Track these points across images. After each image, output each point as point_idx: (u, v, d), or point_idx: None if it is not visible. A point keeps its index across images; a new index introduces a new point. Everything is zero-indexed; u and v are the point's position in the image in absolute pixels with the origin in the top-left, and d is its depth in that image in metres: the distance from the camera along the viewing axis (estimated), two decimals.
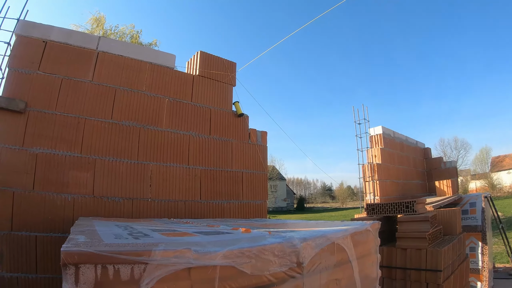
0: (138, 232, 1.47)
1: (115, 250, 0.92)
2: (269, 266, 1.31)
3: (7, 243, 2.52)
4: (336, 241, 1.69)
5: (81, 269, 0.85)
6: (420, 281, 3.39)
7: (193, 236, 1.47)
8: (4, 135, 2.68)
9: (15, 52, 2.84)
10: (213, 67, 3.69)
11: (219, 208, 3.43)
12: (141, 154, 3.08)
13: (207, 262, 1.05)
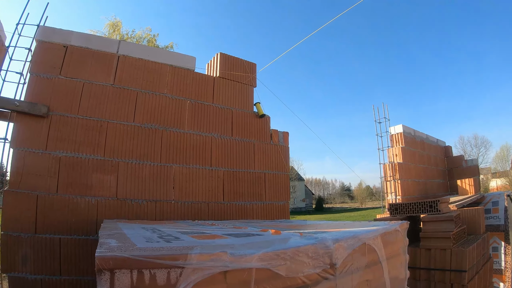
0: (167, 235, 1.45)
1: (151, 255, 0.90)
2: (303, 268, 1.29)
3: (31, 246, 2.52)
4: (367, 242, 1.64)
5: (116, 275, 0.84)
6: (444, 281, 3.27)
7: (224, 238, 1.44)
8: (27, 139, 2.66)
9: (36, 57, 2.83)
10: (233, 69, 3.65)
11: (241, 209, 3.37)
12: (163, 156, 3.04)
13: (243, 264, 1.03)
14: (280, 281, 1.18)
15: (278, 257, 1.18)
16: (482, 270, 3.49)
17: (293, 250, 1.24)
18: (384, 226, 1.87)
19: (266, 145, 3.69)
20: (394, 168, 5.94)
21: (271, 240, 1.41)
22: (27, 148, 2.63)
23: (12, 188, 2.55)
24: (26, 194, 2.58)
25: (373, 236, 1.69)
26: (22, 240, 2.53)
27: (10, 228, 2.51)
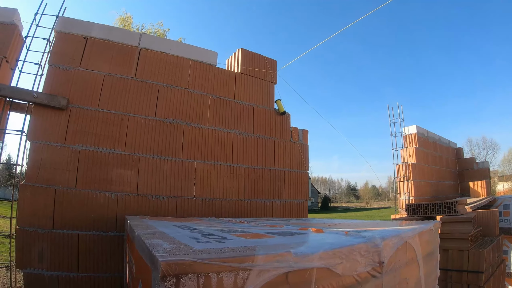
0: (210, 234, 1.41)
1: (218, 257, 0.86)
2: (356, 266, 1.32)
3: (48, 242, 2.47)
4: (408, 241, 1.72)
5: (182, 280, 0.78)
6: (461, 282, 3.27)
7: (273, 237, 1.40)
8: (46, 132, 2.59)
9: (55, 48, 2.76)
10: (254, 65, 3.60)
11: (262, 207, 3.33)
12: (185, 152, 2.99)
13: (305, 264, 1.02)
14: (337, 280, 1.20)
15: (335, 256, 1.20)
16: (497, 272, 3.57)
17: (348, 248, 1.27)
18: (421, 225, 1.93)
19: (286, 143, 3.66)
20: (408, 168, 5.91)
21: (320, 239, 1.44)
22: (45, 141, 2.56)
23: (29, 182, 2.48)
24: (43, 188, 2.51)
25: (412, 235, 1.73)
26: (38, 236, 2.46)
27: (26, 223, 2.45)
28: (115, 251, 2.62)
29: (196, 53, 3.25)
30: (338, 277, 1.18)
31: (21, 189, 2.49)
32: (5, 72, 2.69)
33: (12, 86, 2.63)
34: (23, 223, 2.45)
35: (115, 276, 2.60)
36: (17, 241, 2.47)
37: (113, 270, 2.60)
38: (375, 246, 1.36)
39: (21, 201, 2.49)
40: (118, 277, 2.62)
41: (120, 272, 2.61)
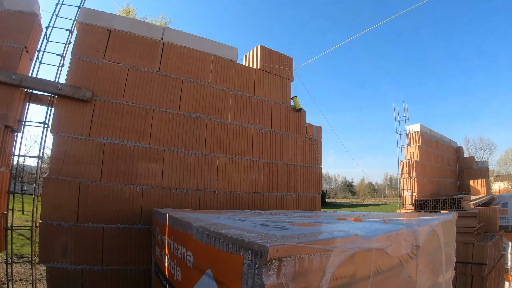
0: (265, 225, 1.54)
1: (309, 241, 0.99)
2: (401, 249, 1.56)
3: (72, 236, 2.50)
4: (435, 228, 2.00)
5: (283, 262, 0.92)
6: (465, 274, 3.49)
7: (323, 225, 1.57)
8: (70, 125, 2.60)
9: (79, 40, 2.76)
10: (272, 62, 3.71)
11: (279, 200, 3.47)
12: (208, 146, 3.08)
13: (368, 245, 1.20)
14: (388, 260, 1.42)
15: (388, 239, 1.42)
16: (498, 265, 3.93)
17: (396, 233, 1.49)
18: (443, 216, 2.21)
19: (302, 139, 3.81)
20: (412, 165, 6.24)
21: (368, 226, 1.67)
22: (69, 134, 2.57)
23: (53, 175, 2.49)
24: (68, 181, 2.52)
25: (438, 223, 1.99)
26: (62, 230, 2.48)
27: (50, 217, 2.46)
28: (140, 244, 2.65)
29: (218, 48, 3.30)
30: (388, 257, 1.40)
31: (45, 183, 2.49)
32: (25, 63, 2.68)
33: (34, 77, 2.61)
34: (46, 217, 2.45)
35: (140, 268, 2.64)
36: (41, 235, 2.48)
37: (139, 262, 2.64)
38: (413, 232, 1.60)
39: (44, 195, 2.49)
40: (143, 269, 2.66)
41: (146, 264, 2.66)
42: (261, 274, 0.90)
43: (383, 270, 1.33)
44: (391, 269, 1.43)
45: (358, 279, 1.20)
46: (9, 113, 2.50)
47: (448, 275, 2.30)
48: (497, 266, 3.85)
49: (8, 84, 2.53)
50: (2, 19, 2.66)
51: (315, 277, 1.00)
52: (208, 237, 1.29)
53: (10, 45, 2.61)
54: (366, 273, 1.24)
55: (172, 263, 1.82)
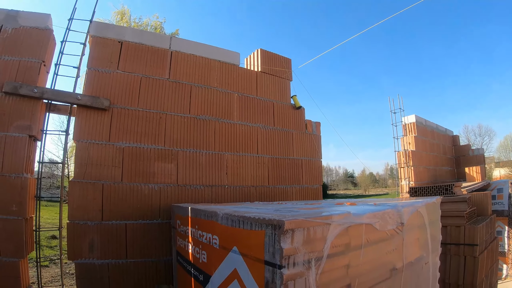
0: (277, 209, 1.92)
1: (314, 216, 1.37)
2: (387, 225, 1.98)
3: (98, 233, 2.86)
4: (418, 209, 2.44)
5: (295, 232, 1.28)
6: (459, 254, 3.85)
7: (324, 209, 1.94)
8: (91, 132, 2.96)
9: (93, 52, 3.11)
10: (272, 64, 4.10)
11: (283, 192, 3.89)
12: (217, 145, 3.47)
13: (359, 221, 1.56)
14: (376, 233, 1.83)
15: (375, 217, 1.84)
16: (490, 246, 4.40)
17: (382, 212, 1.93)
18: (427, 199, 2.66)
19: (302, 134, 4.23)
20: (408, 155, 6.68)
21: (360, 207, 2.09)
22: (90, 140, 2.94)
23: (77, 179, 2.86)
24: (91, 184, 2.88)
25: (421, 205, 2.40)
26: (89, 228, 2.84)
27: (77, 217, 2.82)
28: (160, 237, 3.03)
29: (222, 54, 3.69)
30: (377, 231, 1.83)
31: (71, 186, 2.85)
32: (43, 76, 3.02)
33: (55, 90, 2.97)
34: (73, 218, 2.81)
35: (161, 259, 3.03)
36: (68, 234, 2.83)
37: (159, 254, 3.03)
38: (398, 211, 2.04)
39: (70, 197, 2.84)
40: (164, 260, 3.05)
41: (166, 255, 3.05)
42: (279, 241, 1.27)
43: (373, 241, 1.77)
44: (380, 241, 1.85)
45: (353, 248, 1.61)
46: (32, 124, 2.85)
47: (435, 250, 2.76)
48: (489, 247, 4.32)
49: (30, 97, 2.88)
50: (19, 36, 3.00)
51: (319, 244, 1.39)
52: (233, 221, 1.66)
53: (29, 60, 2.95)
54: (359, 243, 1.66)
55: (196, 249, 2.20)
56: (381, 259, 1.83)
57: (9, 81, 2.84)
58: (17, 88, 2.84)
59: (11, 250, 2.66)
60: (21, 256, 2.63)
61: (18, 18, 3.05)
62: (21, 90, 2.85)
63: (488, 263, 4.17)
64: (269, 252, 1.35)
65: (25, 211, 2.70)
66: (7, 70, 2.86)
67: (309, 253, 1.36)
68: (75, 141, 2.99)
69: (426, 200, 2.49)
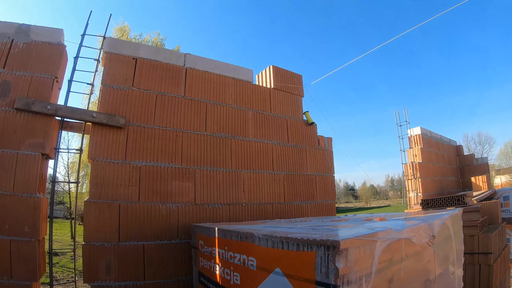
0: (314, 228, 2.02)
1: (362, 235, 1.48)
2: (421, 238, 2.14)
3: (115, 254, 2.90)
4: (445, 221, 2.61)
5: (349, 251, 1.36)
6: (473, 263, 3.99)
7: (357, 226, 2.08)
8: (107, 150, 3.03)
9: (107, 69, 3.19)
10: (284, 80, 4.27)
11: (299, 208, 4.01)
12: (233, 163, 3.58)
13: (399, 236, 1.67)
14: (412, 247, 1.96)
15: (412, 231, 1.94)
16: (502, 254, 4.61)
17: (417, 226, 2.06)
18: (451, 211, 2.83)
19: (315, 150, 4.39)
20: (415, 167, 6.93)
21: (394, 223, 2.20)
22: (106, 159, 3.00)
23: (93, 199, 2.90)
24: (108, 204, 2.94)
25: (447, 217, 2.60)
26: (105, 250, 2.88)
27: (93, 238, 2.85)
28: (179, 257, 3.11)
29: (235, 71, 3.85)
30: (413, 245, 1.94)
31: (86, 206, 2.90)
32: (55, 92, 3.09)
33: (69, 107, 3.05)
34: (89, 239, 2.85)
35: (180, 280, 3.10)
36: (84, 256, 2.86)
37: (178, 274, 3.10)
38: (430, 225, 2.18)
39: (86, 218, 2.89)
40: (183, 280, 3.12)
41: (185, 275, 3.13)
42: (334, 261, 1.37)
43: (411, 255, 1.91)
44: (416, 254, 1.99)
45: (394, 262, 1.73)
46: (45, 141, 2.90)
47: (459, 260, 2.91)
48: (502, 255, 4.51)
49: (43, 113, 2.93)
50: (31, 51, 3.06)
51: (368, 261, 1.50)
52: (273, 242, 1.75)
53: (41, 75, 3.01)
54: (399, 257, 1.80)
55: (227, 270, 2.28)
56: (417, 271, 1.98)
57: (21, 96, 2.89)
58: (29, 104, 2.90)
59: (24, 272, 2.68)
60: (34, 279, 2.66)
61: (29, 33, 3.11)
62: (34, 107, 2.91)
63: (502, 270, 4.36)
64: (321, 273, 1.43)
65: (38, 232, 2.74)
66: (18, 86, 2.92)
67: (360, 271, 1.45)
68: (90, 160, 3.03)
69: (450, 212, 2.66)
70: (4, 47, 2.95)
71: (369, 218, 2.56)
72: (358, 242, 1.45)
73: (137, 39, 13.21)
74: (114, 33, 13.11)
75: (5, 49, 2.95)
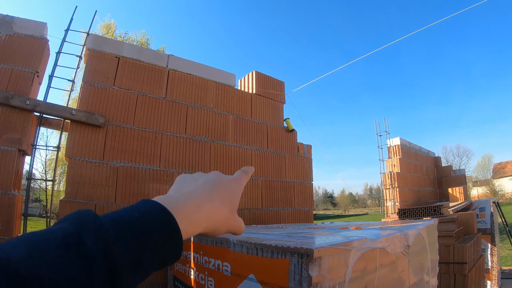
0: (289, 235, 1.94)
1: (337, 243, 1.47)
2: (396, 248, 2.12)
3: None
4: (421, 232, 2.61)
5: (322, 260, 1.36)
6: (448, 273, 4.17)
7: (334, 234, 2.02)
8: (85, 149, 2.95)
9: (89, 66, 3.11)
10: (266, 86, 4.26)
11: (276, 215, 3.99)
12: (212, 167, 3.53)
13: (374, 245, 1.65)
14: (387, 257, 1.97)
15: (387, 241, 1.97)
16: (477, 263, 4.69)
17: (392, 236, 2.07)
18: (427, 221, 2.84)
19: (294, 157, 4.40)
20: (393, 177, 7.00)
21: (370, 232, 2.21)
22: (84, 158, 2.91)
23: (69, 198, 2.81)
24: (84, 203, 2.85)
25: (423, 228, 2.62)
26: None
27: None
28: None
29: (218, 75, 3.82)
30: (388, 255, 1.97)
31: (62, 205, 2.82)
32: (36, 87, 2.98)
33: (48, 103, 2.94)
34: None
35: (154, 284, 3.04)
36: None
37: (153, 278, 3.04)
38: (405, 235, 2.20)
39: (61, 217, 2.69)
40: (157, 285, 3.07)
41: (159, 280, 3.07)
42: (307, 269, 1.36)
43: (385, 264, 1.95)
44: (391, 264, 2.02)
45: (368, 272, 1.76)
46: (22, 137, 2.80)
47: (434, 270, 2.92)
48: (477, 265, 4.60)
49: (21, 108, 2.83)
50: (13, 43, 2.94)
51: (341, 269, 1.51)
52: (248, 248, 1.74)
53: (22, 69, 2.90)
54: (373, 267, 1.83)
55: (201, 275, 2.25)
56: (392, 280, 2.01)
57: (0, 90, 2.78)
58: (8, 98, 2.78)
59: None
60: None
61: (13, 25, 2.99)
62: (13, 101, 2.80)
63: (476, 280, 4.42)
64: (294, 280, 1.41)
65: (12, 230, 2.64)
66: None
67: (333, 279, 1.45)
68: (67, 158, 2.96)
69: (426, 222, 2.67)
70: None
71: (345, 226, 2.55)
72: (332, 250, 1.45)
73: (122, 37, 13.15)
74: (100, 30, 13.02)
75: None
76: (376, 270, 1.82)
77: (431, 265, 2.71)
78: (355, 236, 1.83)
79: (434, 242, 2.93)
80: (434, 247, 2.92)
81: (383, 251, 1.85)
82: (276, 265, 1.52)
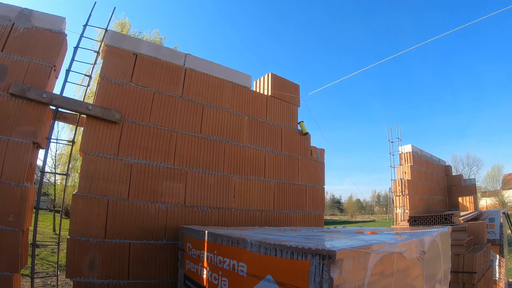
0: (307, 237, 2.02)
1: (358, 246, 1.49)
2: (412, 253, 2.16)
3: (100, 251, 2.84)
4: (435, 238, 2.64)
5: (344, 261, 1.37)
6: (457, 282, 4.14)
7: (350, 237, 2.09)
8: (100, 144, 2.99)
9: (107, 62, 3.16)
10: (281, 88, 4.32)
11: (287, 217, 4.03)
12: (226, 167, 3.58)
13: (392, 250, 1.69)
14: (404, 261, 1.97)
15: (404, 246, 1.97)
16: (486, 273, 4.70)
17: (409, 241, 2.09)
18: (441, 228, 2.86)
19: (307, 160, 4.44)
20: (404, 184, 7.04)
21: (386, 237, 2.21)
22: (98, 153, 2.96)
23: (82, 193, 2.86)
24: (96, 199, 2.89)
25: (437, 234, 2.64)
26: (90, 245, 2.83)
27: (78, 233, 2.80)
28: (165, 258, 3.09)
29: (234, 75, 3.87)
30: (404, 259, 1.97)
31: (74, 200, 2.85)
32: (52, 81, 3.04)
33: (65, 97, 3.00)
34: (75, 233, 2.79)
35: (164, 282, 3.07)
36: (68, 250, 2.80)
37: (163, 276, 3.07)
38: (421, 240, 2.21)
39: (73, 212, 2.84)
40: (167, 283, 3.10)
41: (170, 278, 3.11)
42: (329, 271, 1.38)
43: (401, 269, 1.95)
44: (406, 269, 2.03)
45: (386, 275, 1.76)
46: (37, 130, 2.85)
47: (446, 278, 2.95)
48: (486, 275, 4.60)
49: (38, 101, 2.88)
50: (31, 36, 3.00)
51: (361, 272, 1.52)
52: (266, 249, 1.75)
53: (39, 63, 2.95)
54: (390, 271, 1.83)
55: (214, 275, 2.27)
56: (406, 286, 1.98)
57: (17, 82, 2.83)
58: (25, 91, 2.83)
59: (5, 263, 2.60)
60: (15, 270, 2.59)
61: (31, 18, 3.05)
62: (29, 94, 2.85)
63: None
64: (314, 282, 1.43)
65: (23, 222, 2.67)
66: (15, 71, 2.85)
67: (353, 282, 1.46)
68: (82, 153, 2.99)
69: (440, 229, 2.70)
70: (4, 30, 2.89)
71: (360, 231, 2.58)
72: (354, 253, 1.46)
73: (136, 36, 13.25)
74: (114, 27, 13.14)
75: (5, 32, 2.88)
76: (393, 274, 1.84)
77: (443, 273, 2.73)
78: (374, 240, 1.85)
79: (447, 250, 2.95)
80: (447, 255, 2.94)
81: (400, 256, 1.86)
82: (296, 267, 1.53)
